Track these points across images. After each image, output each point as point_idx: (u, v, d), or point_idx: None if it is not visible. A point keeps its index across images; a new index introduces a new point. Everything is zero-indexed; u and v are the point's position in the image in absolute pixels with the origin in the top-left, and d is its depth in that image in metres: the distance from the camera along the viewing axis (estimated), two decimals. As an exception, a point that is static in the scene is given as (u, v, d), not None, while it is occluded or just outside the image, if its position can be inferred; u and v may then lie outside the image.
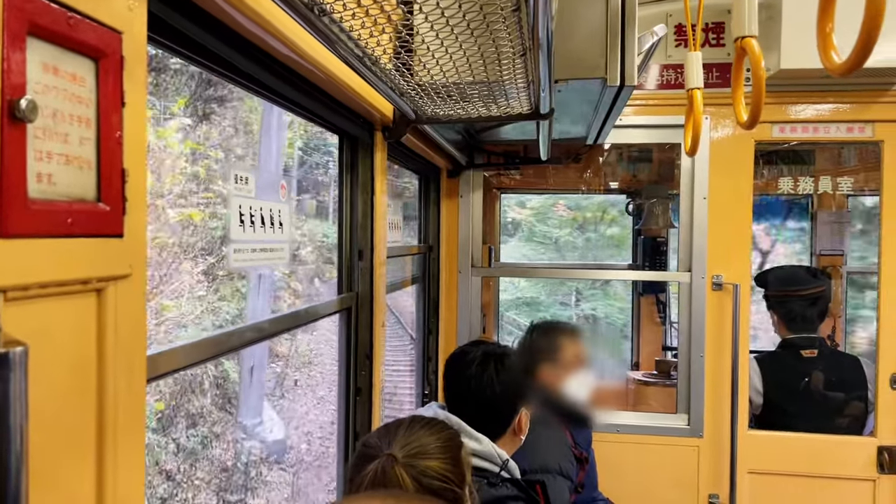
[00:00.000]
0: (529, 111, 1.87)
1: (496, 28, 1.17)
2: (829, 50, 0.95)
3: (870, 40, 0.83)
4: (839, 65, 0.91)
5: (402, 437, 1.41)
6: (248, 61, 1.24)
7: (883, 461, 3.15)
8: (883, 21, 0.83)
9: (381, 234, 2.03)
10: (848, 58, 0.88)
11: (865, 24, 0.83)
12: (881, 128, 3.15)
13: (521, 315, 17.07)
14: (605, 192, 5.05)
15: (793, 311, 3.50)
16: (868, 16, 0.82)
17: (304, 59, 1.34)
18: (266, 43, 1.22)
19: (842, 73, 0.91)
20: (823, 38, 0.96)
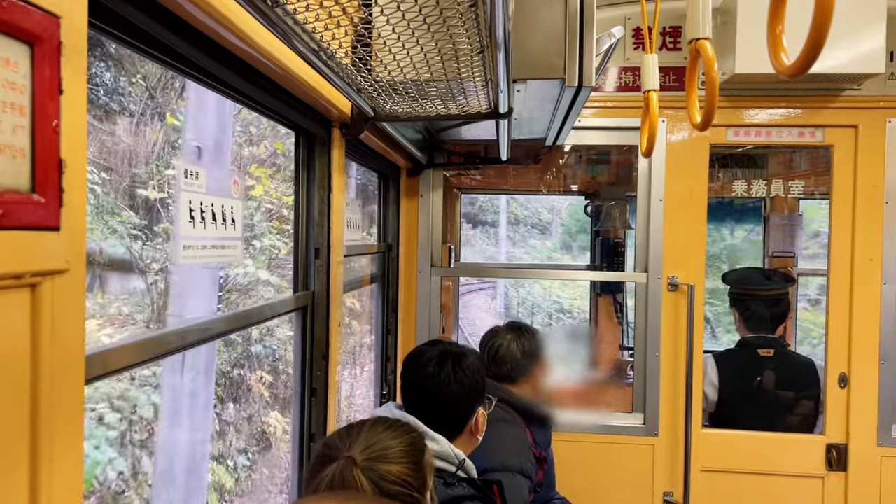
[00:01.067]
0: (489, 110, 1.87)
1: (453, 25, 1.16)
2: (779, 51, 0.96)
3: (818, 42, 0.85)
4: (788, 66, 0.93)
5: (364, 438, 1.39)
6: (198, 52, 1.21)
7: (831, 459, 3.23)
8: (831, 23, 0.85)
9: (339, 233, 2.00)
10: (796, 59, 0.89)
11: (814, 26, 0.84)
12: (831, 133, 3.24)
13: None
14: (565, 194, 5.10)
15: (753, 310, 3.58)
16: (817, 18, 0.83)
17: (257, 51, 1.32)
18: (217, 33, 1.19)
19: (791, 75, 0.92)
20: (773, 40, 0.97)
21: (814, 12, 0.83)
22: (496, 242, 22.73)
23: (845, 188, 3.23)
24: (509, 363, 2.70)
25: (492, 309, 18.54)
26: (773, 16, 0.97)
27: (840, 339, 3.24)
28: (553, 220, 23.09)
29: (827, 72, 2.95)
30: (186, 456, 5.46)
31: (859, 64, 2.92)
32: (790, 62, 0.93)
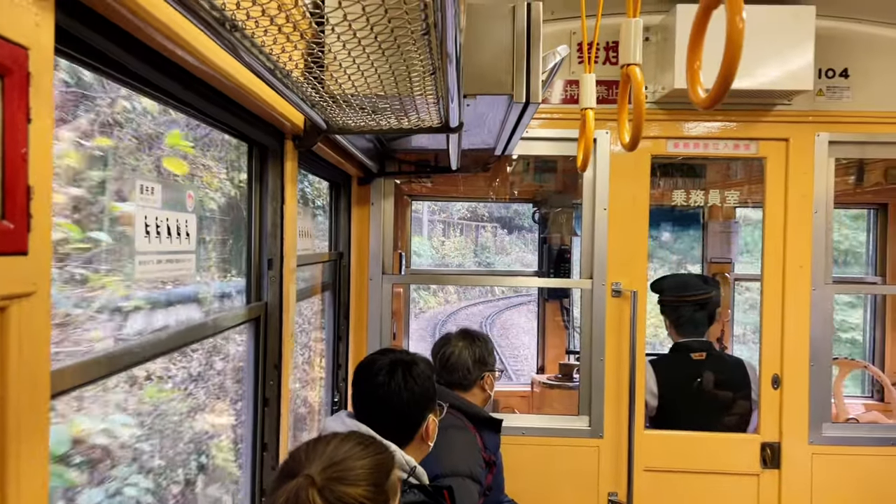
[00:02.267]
0: (440, 125, 1.92)
1: (405, 43, 1.21)
2: (696, 85, 1.04)
3: (728, 77, 0.92)
4: (703, 99, 1.00)
5: (328, 455, 1.36)
6: (152, 69, 1.23)
7: (766, 457, 3.38)
8: (739, 60, 0.92)
9: (291, 243, 2.02)
10: (709, 93, 0.97)
11: (725, 62, 0.91)
12: (764, 145, 3.40)
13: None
14: (513, 201, 5.19)
15: (683, 315, 3.71)
16: (727, 55, 0.91)
17: (213, 69, 1.34)
18: (172, 52, 1.21)
19: (705, 106, 1.00)
20: (692, 74, 1.05)
21: (724, 51, 0.91)
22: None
23: (777, 198, 3.40)
24: (461, 370, 2.75)
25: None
26: (691, 52, 1.05)
27: (773, 341, 3.40)
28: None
29: (759, 88, 3.10)
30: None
31: (789, 80, 3.08)
32: (706, 94, 1.01)
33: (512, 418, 3.44)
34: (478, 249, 25.05)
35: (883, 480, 3.35)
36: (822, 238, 3.36)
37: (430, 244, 23.36)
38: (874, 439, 3.41)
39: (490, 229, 25.74)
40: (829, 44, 3.28)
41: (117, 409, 1.53)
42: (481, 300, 21.77)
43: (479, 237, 25.83)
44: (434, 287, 21.23)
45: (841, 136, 3.34)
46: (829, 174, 3.37)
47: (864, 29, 3.33)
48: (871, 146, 3.41)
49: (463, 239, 25.47)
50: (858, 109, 3.33)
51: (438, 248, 23.70)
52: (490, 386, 2.81)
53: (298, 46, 1.32)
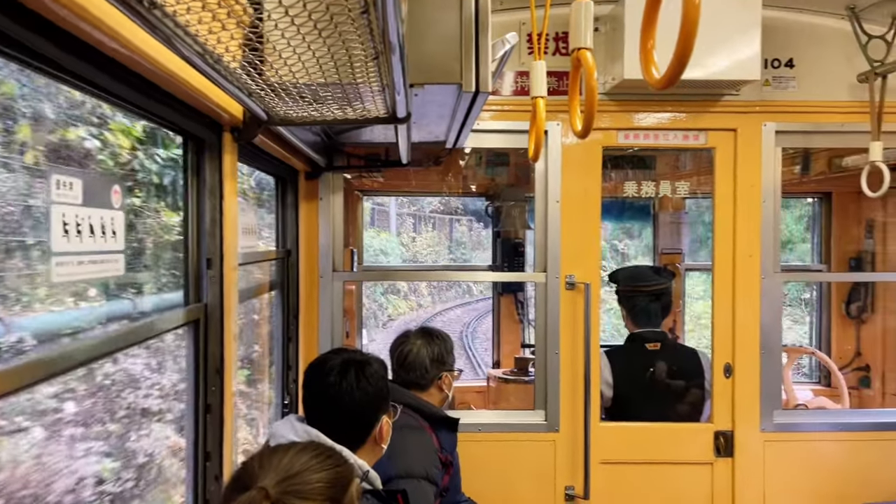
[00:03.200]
0: (386, 115, 1.84)
1: (346, 31, 1.14)
2: (650, 65, 0.99)
3: (684, 57, 0.88)
4: (658, 79, 0.96)
5: (284, 467, 1.29)
6: (68, 55, 1.12)
7: (719, 445, 3.41)
8: (695, 40, 0.88)
9: (232, 241, 1.93)
10: (665, 73, 0.93)
11: (680, 41, 0.87)
12: (713, 136, 3.41)
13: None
14: (466, 195, 5.14)
15: (638, 306, 3.72)
16: (682, 34, 0.86)
17: (136, 54, 1.24)
18: (90, 35, 1.11)
19: (661, 87, 0.95)
20: (645, 55, 1.00)
21: (680, 28, 0.86)
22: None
23: (726, 189, 3.42)
24: (418, 369, 2.69)
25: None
26: (644, 33, 1.01)
27: (725, 331, 3.42)
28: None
29: (707, 78, 3.10)
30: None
31: (737, 71, 3.09)
32: (660, 75, 0.96)
33: (468, 415, 3.39)
34: (452, 245, 22.83)
35: (832, 465, 3.40)
36: (771, 227, 3.40)
37: (400, 241, 20.93)
38: (823, 425, 3.46)
39: (465, 223, 23.42)
40: (774, 34, 3.30)
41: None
42: (458, 302, 19.86)
43: (453, 232, 23.51)
44: (405, 289, 19.08)
45: (787, 125, 3.38)
46: (777, 164, 3.40)
47: (807, 19, 3.37)
48: (816, 135, 3.46)
49: (436, 234, 23.10)
50: (804, 99, 3.37)
51: (409, 245, 21.46)
52: (448, 386, 2.75)
53: (235, 35, 1.23)
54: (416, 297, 19.52)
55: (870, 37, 3.25)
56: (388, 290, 18.23)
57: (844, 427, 3.44)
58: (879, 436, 3.43)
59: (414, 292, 19.75)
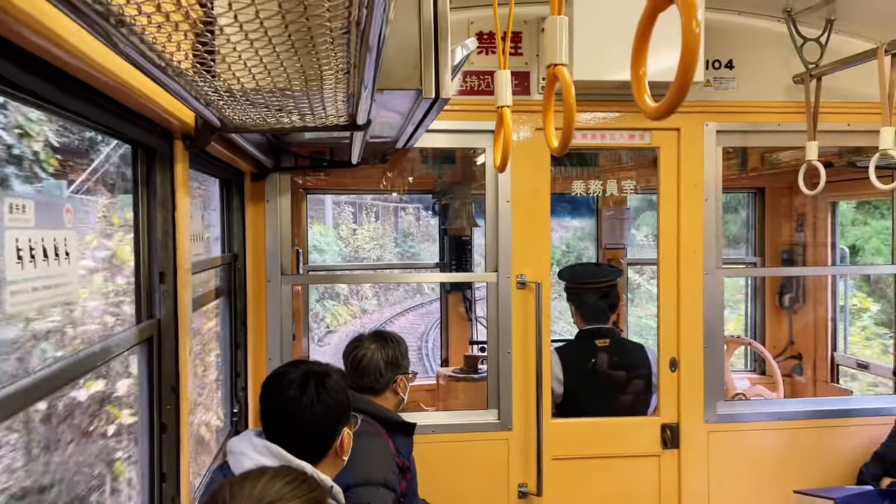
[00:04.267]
0: (346, 122, 1.80)
1: (321, 38, 1.08)
2: (643, 93, 0.98)
3: (684, 86, 0.87)
4: (654, 108, 0.94)
5: (256, 496, 1.24)
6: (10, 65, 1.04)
7: (666, 438, 3.50)
8: (695, 69, 0.87)
9: (185, 254, 1.84)
10: (661, 103, 0.92)
11: (680, 72, 0.86)
12: (657, 135, 3.48)
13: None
14: (413, 192, 5.10)
15: (587, 303, 3.78)
16: (683, 64, 0.85)
17: (75, 56, 1.15)
18: (23, 37, 1.02)
19: (657, 117, 0.94)
20: (637, 82, 0.98)
21: (681, 57, 0.85)
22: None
23: (670, 186, 3.49)
24: (372, 374, 2.65)
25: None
26: (636, 58, 0.99)
27: (670, 326, 3.51)
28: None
29: (651, 79, 3.14)
30: None
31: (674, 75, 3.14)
32: (654, 104, 0.95)
33: (421, 417, 3.37)
34: (399, 237, 19.50)
35: (770, 453, 3.54)
36: (713, 224, 3.49)
37: (337, 234, 17.86)
38: (761, 414, 3.60)
39: (412, 212, 19.90)
40: (715, 36, 3.38)
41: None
42: (408, 305, 17.17)
43: (399, 222, 20.04)
44: (345, 292, 16.18)
45: (727, 125, 3.48)
46: (718, 162, 3.49)
47: (746, 21, 3.47)
48: (755, 135, 3.57)
49: (380, 225, 19.57)
50: (743, 99, 3.47)
51: (349, 240, 18.22)
52: (404, 389, 2.73)
53: (188, 36, 1.16)
54: (357, 301, 16.58)
55: (805, 39, 3.36)
56: (324, 294, 15.35)
57: (781, 416, 3.58)
58: (813, 423, 3.58)
59: (356, 294, 16.69)
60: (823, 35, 3.34)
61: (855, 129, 3.48)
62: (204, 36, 1.06)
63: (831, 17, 3.31)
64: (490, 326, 3.45)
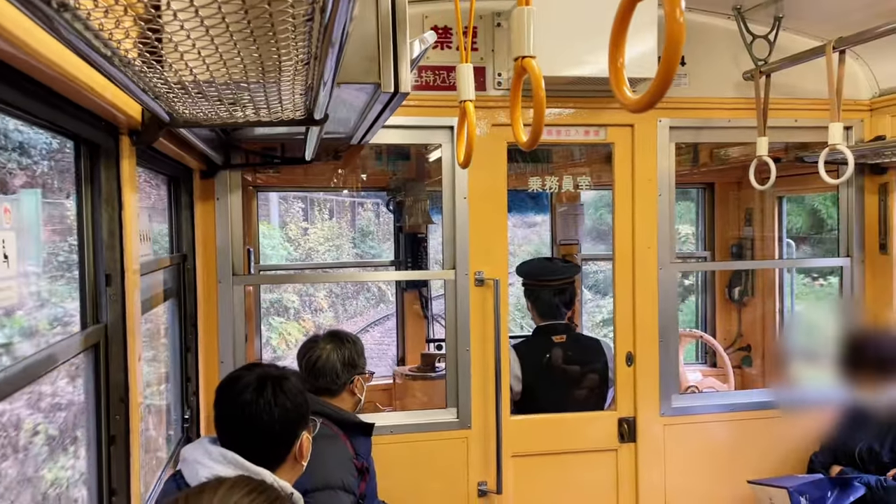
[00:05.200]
0: (303, 117, 1.73)
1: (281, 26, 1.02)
2: (622, 85, 0.95)
3: (667, 78, 0.85)
4: (634, 100, 0.92)
5: None
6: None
7: (623, 431, 3.52)
8: (678, 62, 0.85)
9: (133, 255, 1.75)
10: (644, 95, 0.89)
11: (664, 64, 0.84)
12: (612, 131, 3.49)
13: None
14: (367, 189, 5.03)
15: (544, 299, 3.78)
16: (666, 56, 0.83)
17: (18, 47, 1.07)
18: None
19: (638, 110, 0.92)
20: (615, 73, 0.96)
21: (664, 50, 0.83)
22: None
23: (625, 182, 3.51)
24: (329, 375, 2.59)
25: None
26: (613, 49, 0.97)
27: (626, 321, 3.53)
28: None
29: (604, 76, 3.14)
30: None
31: (635, 68, 3.15)
32: (634, 96, 0.92)
33: (379, 417, 3.32)
34: (357, 237, 16.38)
35: (726, 444, 3.60)
36: (667, 219, 3.52)
37: (285, 234, 15.17)
38: (714, 406, 3.66)
39: (371, 207, 16.64)
40: (668, 33, 3.41)
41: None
42: (373, 317, 14.46)
43: (356, 219, 16.75)
44: (295, 305, 13.78)
45: (680, 121, 3.51)
46: (671, 158, 3.53)
47: (698, 18, 3.50)
48: (706, 131, 3.62)
49: (335, 223, 16.55)
50: (695, 96, 3.52)
51: (299, 241, 15.41)
52: (360, 389, 2.67)
53: (131, 11, 1.08)
54: (312, 316, 14.09)
55: (754, 36, 3.42)
56: (269, 309, 12.93)
57: (734, 407, 3.64)
58: (763, 414, 3.66)
59: (308, 306, 14.09)
60: (772, 32, 3.41)
61: (802, 124, 3.57)
62: (154, 22, 0.98)
63: (779, 15, 3.37)
64: (448, 324, 3.42)
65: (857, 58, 3.53)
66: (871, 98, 3.60)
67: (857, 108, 3.59)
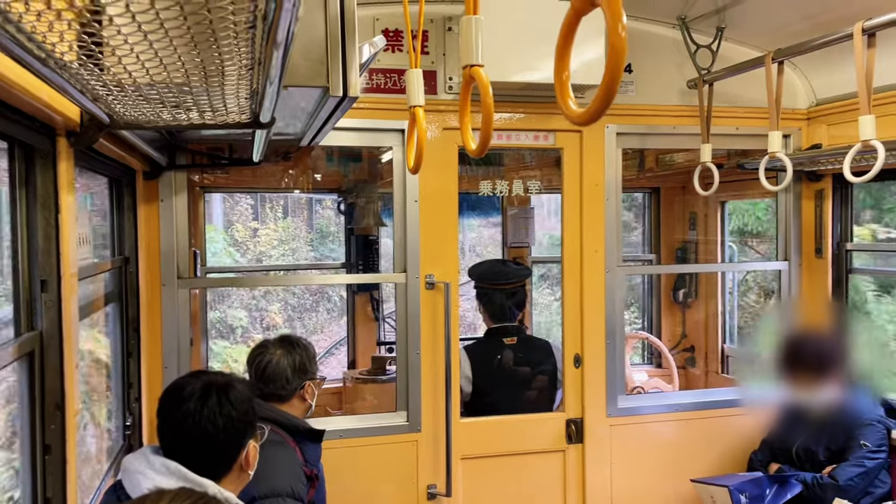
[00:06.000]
0: (249, 120, 1.71)
1: (223, 33, 1.01)
2: (567, 98, 0.97)
3: (611, 91, 0.86)
4: (579, 113, 0.93)
5: None
6: None
7: (570, 433, 3.57)
8: (622, 73, 0.87)
9: (71, 259, 1.70)
10: (588, 107, 0.91)
11: (607, 76, 0.85)
12: (561, 136, 3.54)
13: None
14: (317, 191, 4.98)
15: (496, 302, 3.81)
16: (609, 68, 0.85)
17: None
18: None
19: (583, 123, 0.93)
20: (560, 86, 0.97)
21: (607, 61, 0.85)
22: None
23: (573, 187, 3.56)
24: (279, 380, 2.55)
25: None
26: (559, 61, 0.98)
27: (574, 323, 3.58)
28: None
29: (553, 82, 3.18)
30: None
31: (583, 75, 3.20)
32: (579, 109, 0.94)
33: (329, 422, 3.29)
34: (315, 239, 13.72)
35: (670, 443, 3.68)
36: (614, 223, 3.59)
37: (230, 236, 12.87)
38: (660, 406, 3.73)
39: (331, 205, 12.48)
40: (615, 41, 3.47)
41: None
42: (340, 337, 10.96)
43: (313, 219, 14.07)
44: (242, 323, 11.68)
45: (627, 128, 3.58)
46: (618, 163, 3.59)
47: (644, 27, 3.58)
48: (652, 137, 3.70)
49: (291, 223, 14.04)
50: (641, 103, 3.59)
51: (247, 245, 13.01)
52: (311, 395, 2.65)
53: (73, 25, 1.05)
54: (261, 333, 11.72)
55: (698, 46, 3.51)
56: (211, 330, 8.90)
57: (678, 407, 3.73)
58: (706, 414, 3.75)
59: (260, 322, 12.09)
60: (715, 42, 3.50)
61: (743, 132, 3.67)
62: (91, 26, 0.96)
63: (722, 25, 3.47)
64: (399, 327, 3.41)
65: (796, 68, 3.65)
66: (808, 108, 3.73)
67: (795, 118, 3.71)
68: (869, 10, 2.55)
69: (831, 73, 3.52)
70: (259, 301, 11.83)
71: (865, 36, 2.47)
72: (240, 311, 11.59)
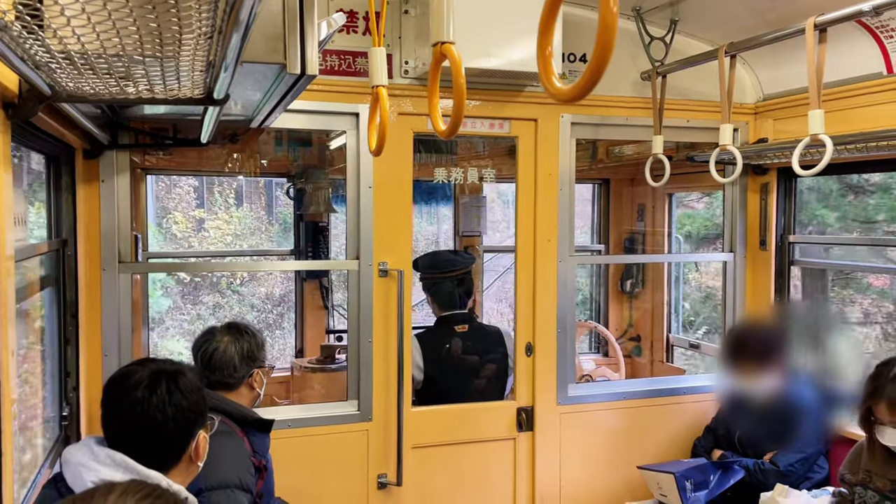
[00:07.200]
0: (202, 96, 1.63)
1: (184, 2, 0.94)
2: (551, 76, 0.94)
3: (600, 67, 0.84)
4: (565, 90, 0.91)
5: None
6: None
7: (521, 420, 3.58)
8: (612, 50, 0.85)
9: (6, 240, 1.59)
10: (576, 84, 0.88)
11: (597, 52, 0.83)
12: (516, 125, 3.52)
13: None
14: (266, 175, 4.85)
15: (443, 291, 3.80)
16: (600, 44, 0.82)
17: None
18: None
19: (569, 100, 0.91)
20: (544, 63, 0.94)
21: (598, 38, 0.82)
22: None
23: (528, 176, 3.56)
24: (226, 368, 2.48)
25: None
26: (542, 37, 0.95)
27: (526, 311, 3.58)
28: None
29: (510, 69, 3.17)
30: None
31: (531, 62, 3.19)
32: (563, 85, 0.91)
33: (277, 412, 3.21)
34: (275, 231, 11.02)
35: (618, 431, 3.73)
36: (567, 213, 3.59)
37: (169, 227, 10.93)
38: (608, 395, 3.78)
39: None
40: (571, 29, 3.45)
41: None
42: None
43: (274, 206, 11.45)
44: (186, 348, 8.52)
45: (581, 118, 3.59)
46: (572, 153, 3.60)
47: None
48: (605, 128, 3.72)
49: (247, 210, 11.39)
50: (595, 93, 3.56)
51: (194, 237, 10.94)
52: (259, 384, 2.57)
53: None
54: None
55: (652, 38, 3.54)
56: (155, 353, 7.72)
57: (625, 395, 3.78)
58: (652, 402, 3.82)
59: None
60: (668, 34, 3.53)
61: (694, 125, 3.73)
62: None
63: (675, 18, 3.50)
64: (350, 315, 3.35)
65: (744, 63, 3.72)
66: (755, 102, 3.81)
67: (743, 112, 3.79)
68: (811, 8, 2.61)
69: (778, 68, 3.60)
70: (208, 311, 10.72)
71: (817, 31, 2.52)
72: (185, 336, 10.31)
